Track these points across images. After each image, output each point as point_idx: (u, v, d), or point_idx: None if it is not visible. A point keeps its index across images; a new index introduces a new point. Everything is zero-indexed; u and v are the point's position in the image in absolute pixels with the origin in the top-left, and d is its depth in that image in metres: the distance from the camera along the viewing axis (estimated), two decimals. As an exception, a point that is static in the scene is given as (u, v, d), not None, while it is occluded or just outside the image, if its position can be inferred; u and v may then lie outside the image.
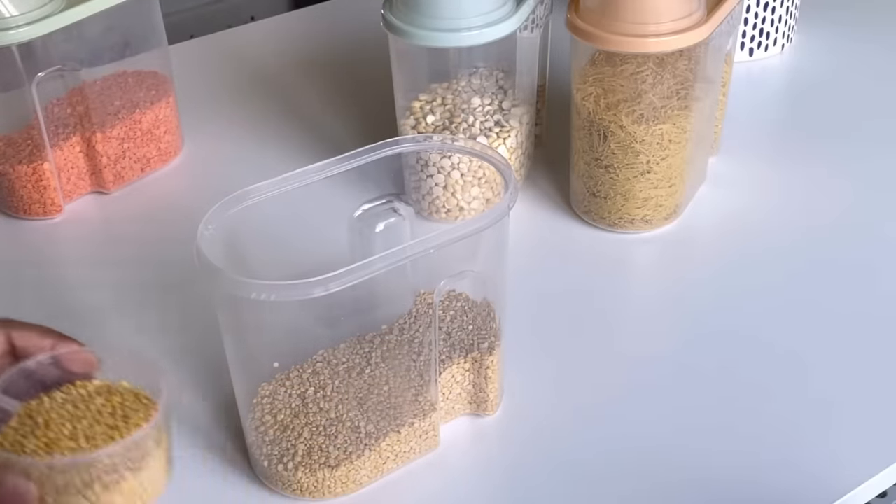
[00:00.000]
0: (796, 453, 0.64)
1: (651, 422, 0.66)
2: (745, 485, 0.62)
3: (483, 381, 0.65)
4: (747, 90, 1.01)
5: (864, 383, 0.69)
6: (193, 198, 0.89)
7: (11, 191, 0.86)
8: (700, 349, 0.72)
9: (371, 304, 0.61)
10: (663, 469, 0.63)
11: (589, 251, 0.81)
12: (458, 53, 0.80)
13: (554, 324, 0.75)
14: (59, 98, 0.85)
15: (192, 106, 0.99)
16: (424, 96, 0.82)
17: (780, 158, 0.92)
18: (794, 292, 0.76)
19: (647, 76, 0.75)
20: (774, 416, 0.66)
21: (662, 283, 0.80)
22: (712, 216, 0.84)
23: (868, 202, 0.86)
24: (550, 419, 0.67)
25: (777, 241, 0.81)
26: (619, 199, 0.80)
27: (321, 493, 0.62)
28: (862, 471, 0.62)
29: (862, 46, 1.08)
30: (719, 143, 0.91)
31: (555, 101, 0.94)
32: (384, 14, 0.79)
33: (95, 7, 0.81)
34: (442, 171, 0.81)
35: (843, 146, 0.93)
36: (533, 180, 0.89)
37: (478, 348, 0.64)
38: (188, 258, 0.55)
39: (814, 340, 0.72)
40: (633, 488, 0.62)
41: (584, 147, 0.80)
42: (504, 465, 0.65)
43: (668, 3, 0.73)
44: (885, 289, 0.77)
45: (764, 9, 1.03)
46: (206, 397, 0.69)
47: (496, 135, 0.81)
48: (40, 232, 0.87)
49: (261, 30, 1.21)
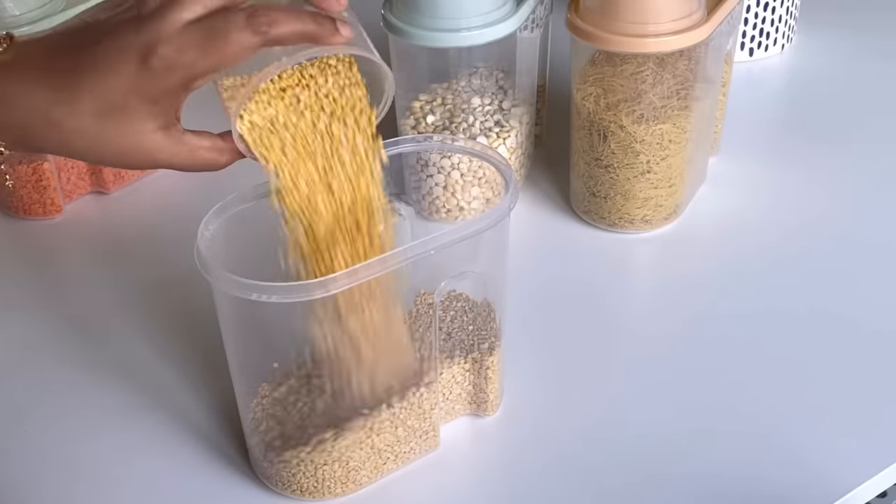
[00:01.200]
0: (796, 453, 0.64)
1: (651, 421, 0.66)
2: (745, 484, 0.62)
3: (483, 381, 0.65)
4: (747, 90, 1.01)
5: (864, 383, 0.69)
6: (193, 198, 0.89)
7: (11, 191, 0.86)
8: (700, 349, 0.72)
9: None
10: (663, 469, 0.63)
11: (589, 251, 0.81)
12: (458, 53, 0.80)
13: (554, 324, 0.75)
14: (59, 98, 0.85)
15: (191, 106, 0.98)
16: (424, 96, 0.82)
17: (779, 158, 0.91)
18: (795, 292, 0.76)
19: (647, 76, 0.75)
20: (774, 415, 0.66)
21: (662, 282, 0.80)
22: (712, 216, 0.84)
23: (868, 202, 0.86)
24: (550, 419, 0.67)
25: (777, 241, 0.81)
26: (619, 199, 0.80)
27: (321, 493, 0.62)
28: (862, 471, 0.62)
29: (862, 46, 1.08)
30: (719, 143, 0.91)
31: (555, 101, 0.94)
32: (384, 14, 0.79)
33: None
34: (442, 171, 0.81)
35: (843, 146, 0.93)
36: (533, 180, 0.89)
37: (478, 349, 0.64)
38: (188, 258, 0.55)
39: (814, 340, 0.72)
40: (632, 488, 0.62)
41: (584, 147, 0.80)
42: (504, 466, 0.65)
43: (668, 3, 0.73)
44: (885, 288, 0.77)
45: (764, 9, 1.03)
46: (205, 397, 0.69)
47: (496, 135, 0.81)
48: (40, 232, 0.87)
49: (261, 29, 1.20)
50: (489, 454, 0.66)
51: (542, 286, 0.78)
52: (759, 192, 0.87)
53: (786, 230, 0.83)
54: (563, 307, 0.76)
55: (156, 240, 0.83)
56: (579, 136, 0.80)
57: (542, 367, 0.71)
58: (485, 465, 0.65)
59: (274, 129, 0.53)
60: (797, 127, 0.97)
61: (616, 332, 0.74)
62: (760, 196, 0.87)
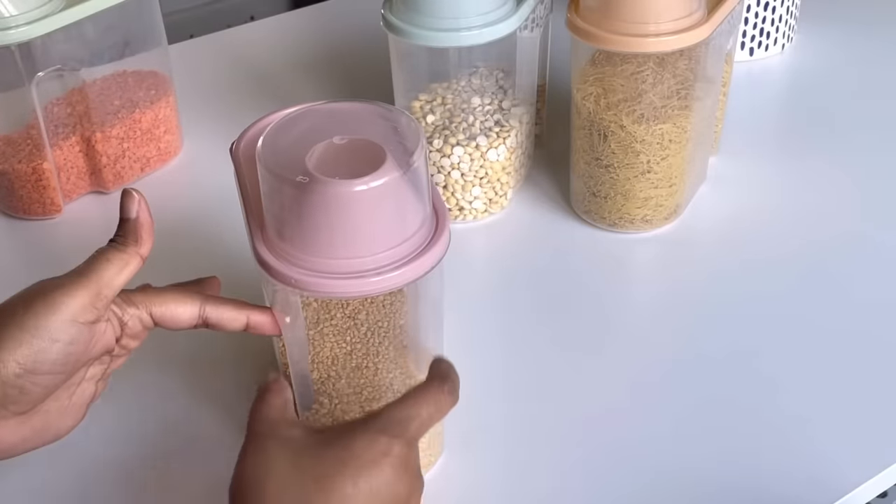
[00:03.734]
0: (797, 453, 0.64)
1: (651, 421, 0.66)
2: (746, 484, 0.62)
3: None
4: (747, 90, 1.01)
5: (865, 383, 0.69)
6: (193, 198, 0.89)
7: (11, 191, 0.86)
8: (700, 349, 0.72)
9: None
10: (662, 469, 0.63)
11: (589, 251, 0.81)
12: (458, 53, 0.80)
13: (554, 323, 0.75)
14: (58, 98, 0.85)
15: (191, 106, 0.99)
16: (424, 96, 0.82)
17: (780, 158, 0.92)
18: (795, 291, 0.76)
19: (648, 76, 0.75)
20: (775, 415, 0.66)
21: (662, 282, 0.79)
22: (712, 216, 0.84)
23: (869, 202, 0.86)
24: (549, 419, 0.67)
25: (777, 241, 0.81)
26: (620, 199, 0.80)
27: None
28: (862, 471, 0.62)
29: (862, 46, 1.08)
30: (719, 143, 0.91)
31: (555, 101, 0.94)
32: (384, 14, 0.79)
33: (95, 7, 0.81)
34: (442, 170, 0.81)
35: (843, 146, 0.93)
36: (533, 180, 0.89)
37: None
38: (187, 258, 0.55)
39: (814, 339, 0.72)
40: (632, 489, 0.62)
41: (585, 147, 0.80)
42: (504, 465, 0.64)
43: (668, 2, 0.73)
44: (886, 288, 0.77)
45: (764, 8, 1.03)
46: (204, 397, 0.69)
47: (496, 134, 0.81)
48: (40, 232, 0.87)
49: (260, 29, 1.21)
50: (491, 455, 0.66)
51: (541, 286, 0.78)
52: (760, 192, 0.87)
53: (786, 230, 0.83)
54: (562, 307, 0.76)
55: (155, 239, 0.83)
56: (579, 136, 0.80)
57: (542, 366, 0.71)
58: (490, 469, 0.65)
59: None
60: (797, 126, 0.97)
61: (616, 332, 0.74)
62: (761, 196, 0.86)
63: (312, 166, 0.51)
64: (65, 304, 0.51)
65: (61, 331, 0.51)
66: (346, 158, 0.52)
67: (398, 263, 0.52)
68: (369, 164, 0.51)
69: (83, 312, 0.52)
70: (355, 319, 0.58)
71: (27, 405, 0.52)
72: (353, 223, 0.51)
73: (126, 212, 0.55)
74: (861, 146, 0.92)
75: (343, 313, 0.57)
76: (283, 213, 0.52)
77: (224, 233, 0.82)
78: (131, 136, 0.89)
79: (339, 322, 0.58)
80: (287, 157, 0.52)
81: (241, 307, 0.57)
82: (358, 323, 0.58)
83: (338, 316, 0.58)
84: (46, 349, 0.51)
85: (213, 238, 0.82)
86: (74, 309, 0.51)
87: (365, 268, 0.51)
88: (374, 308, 0.57)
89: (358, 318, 0.58)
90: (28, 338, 0.50)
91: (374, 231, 0.51)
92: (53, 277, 0.53)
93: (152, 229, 0.56)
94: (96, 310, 0.52)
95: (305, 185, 0.50)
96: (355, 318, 0.58)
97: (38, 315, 0.51)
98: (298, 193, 0.50)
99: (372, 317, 0.57)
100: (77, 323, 0.51)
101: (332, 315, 0.58)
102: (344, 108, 0.57)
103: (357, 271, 0.51)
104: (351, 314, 0.57)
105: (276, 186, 0.51)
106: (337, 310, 0.57)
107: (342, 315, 0.58)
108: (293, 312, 0.55)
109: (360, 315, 0.57)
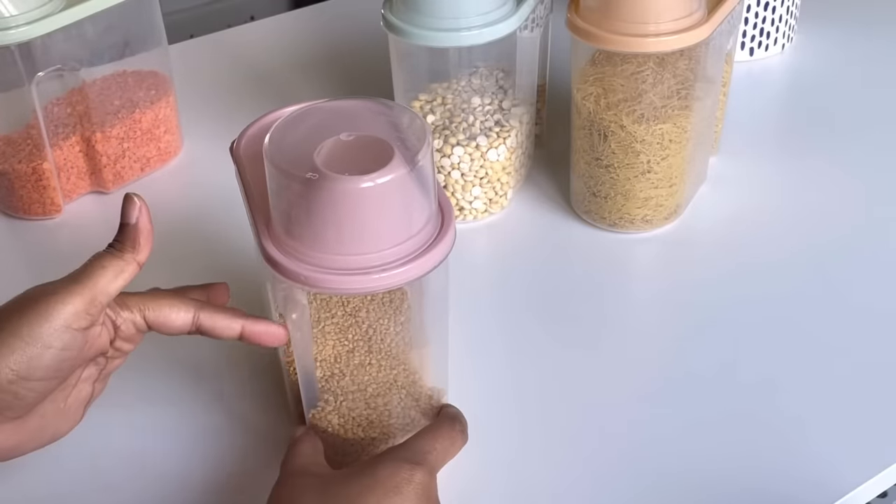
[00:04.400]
0: (797, 453, 0.64)
1: (651, 421, 0.66)
2: (745, 484, 0.62)
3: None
4: (748, 90, 1.01)
5: (865, 382, 0.68)
6: (193, 198, 0.89)
7: (11, 191, 0.86)
8: (700, 349, 0.72)
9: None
10: (662, 469, 0.63)
11: (589, 251, 0.81)
12: (458, 53, 0.80)
13: (554, 323, 0.75)
14: (58, 98, 0.85)
15: (191, 106, 0.99)
16: (424, 96, 0.82)
17: (780, 158, 0.92)
18: (796, 291, 0.76)
19: (648, 76, 0.75)
20: (774, 415, 0.66)
21: (662, 283, 0.79)
22: (712, 216, 0.84)
23: (869, 202, 0.86)
24: (549, 419, 0.67)
25: (777, 241, 0.81)
26: (620, 199, 0.80)
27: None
28: (862, 471, 0.62)
29: (863, 46, 1.08)
30: (719, 143, 0.91)
31: (555, 101, 0.94)
32: (384, 14, 0.79)
33: (95, 7, 0.81)
34: (442, 170, 0.81)
35: (843, 146, 0.93)
36: (533, 180, 0.89)
37: None
38: (187, 258, 0.55)
39: (814, 339, 0.72)
40: (631, 489, 0.62)
41: (585, 147, 0.80)
42: (504, 464, 0.64)
43: (668, 2, 0.73)
44: (886, 288, 0.77)
45: (764, 8, 1.03)
46: (201, 397, 0.69)
47: (496, 134, 0.81)
48: (40, 232, 0.87)
49: (260, 29, 1.21)
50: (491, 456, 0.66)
51: (541, 286, 0.78)
52: (760, 192, 0.87)
53: (786, 230, 0.83)
54: (562, 307, 0.76)
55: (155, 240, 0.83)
56: (579, 136, 0.80)
57: (541, 366, 0.71)
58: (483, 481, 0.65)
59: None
60: (798, 126, 0.97)
61: (616, 332, 0.74)
62: (761, 196, 0.86)
63: (321, 163, 0.51)
64: (58, 311, 0.51)
65: (55, 337, 0.51)
66: (353, 155, 0.52)
67: (404, 260, 0.52)
68: (377, 161, 0.51)
69: (77, 319, 0.51)
70: (356, 317, 0.58)
71: (22, 410, 0.52)
72: (363, 219, 0.51)
73: (126, 217, 0.55)
74: (861, 146, 0.92)
75: (344, 311, 0.58)
76: (292, 210, 0.52)
77: (224, 233, 0.82)
78: (131, 136, 0.89)
79: (339, 320, 0.58)
80: (295, 153, 0.52)
81: (237, 316, 0.57)
82: (359, 321, 0.58)
83: (338, 314, 0.58)
84: (40, 355, 0.50)
85: (213, 238, 0.82)
86: (68, 316, 0.51)
87: (372, 264, 0.51)
88: (375, 305, 0.57)
89: (359, 316, 0.58)
90: (21, 345, 0.50)
91: (383, 227, 0.51)
92: (48, 283, 0.53)
93: (151, 236, 0.55)
94: (90, 316, 0.52)
95: (315, 182, 0.50)
96: (356, 316, 0.58)
97: (31, 322, 0.50)
98: (308, 190, 0.50)
99: (373, 314, 0.57)
100: (71, 329, 0.51)
101: (333, 313, 0.58)
102: (349, 105, 0.57)
103: (365, 267, 0.51)
104: (352, 312, 0.57)
105: (284, 183, 0.51)
106: (338, 308, 0.57)
107: (343, 313, 0.58)
108: (299, 310, 0.55)
109: (361, 313, 0.58)
